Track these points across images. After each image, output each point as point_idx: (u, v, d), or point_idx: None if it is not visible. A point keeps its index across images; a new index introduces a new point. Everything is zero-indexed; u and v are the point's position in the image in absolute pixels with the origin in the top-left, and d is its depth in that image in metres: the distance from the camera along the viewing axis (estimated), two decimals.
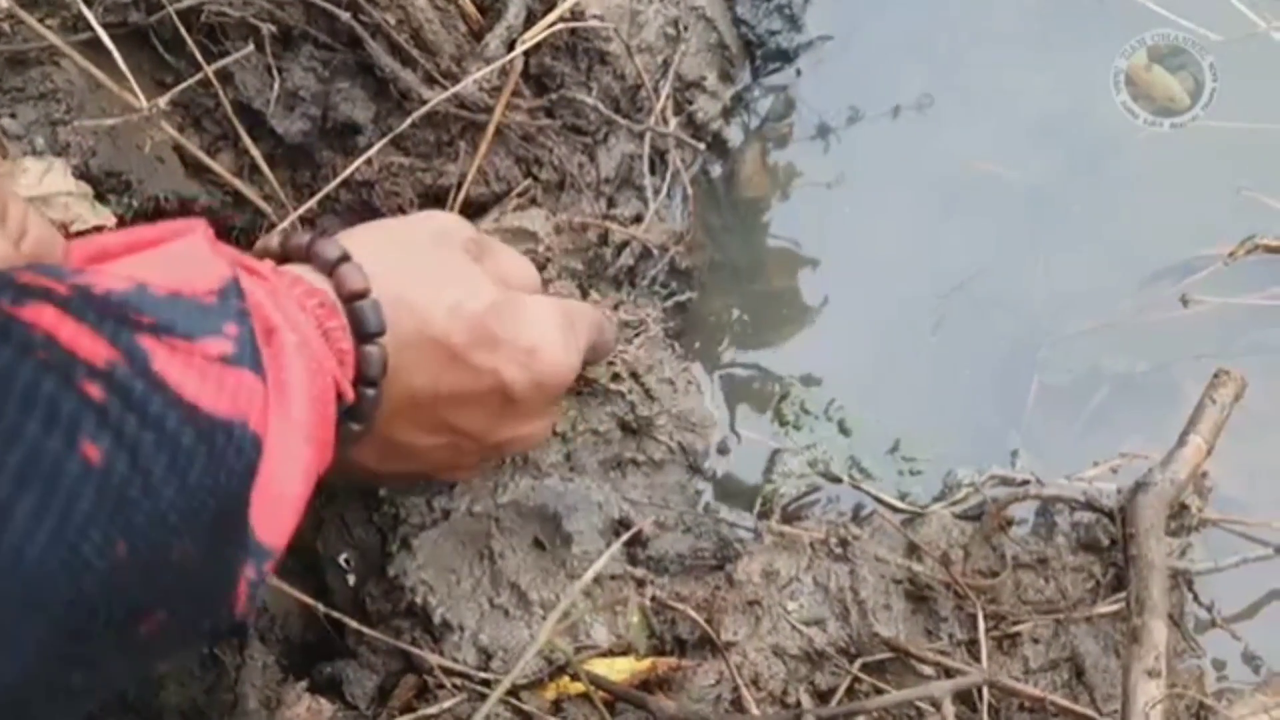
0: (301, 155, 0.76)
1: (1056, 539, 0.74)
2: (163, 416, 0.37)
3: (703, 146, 0.86)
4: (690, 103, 0.86)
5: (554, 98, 0.78)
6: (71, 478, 0.34)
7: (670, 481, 0.77)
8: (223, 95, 0.71)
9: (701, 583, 0.72)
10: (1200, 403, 0.72)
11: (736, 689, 0.67)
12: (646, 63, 0.83)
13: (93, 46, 0.68)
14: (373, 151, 0.71)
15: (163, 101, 0.67)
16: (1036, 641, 0.71)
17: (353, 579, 0.72)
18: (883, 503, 0.77)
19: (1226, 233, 0.84)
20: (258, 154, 0.73)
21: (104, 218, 0.64)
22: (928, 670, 0.68)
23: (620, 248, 0.81)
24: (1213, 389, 0.72)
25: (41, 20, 0.66)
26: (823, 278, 0.87)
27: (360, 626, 0.67)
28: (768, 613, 0.70)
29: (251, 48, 0.71)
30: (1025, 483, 0.75)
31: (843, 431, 0.82)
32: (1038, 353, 0.83)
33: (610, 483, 0.75)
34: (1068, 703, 0.67)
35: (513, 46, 0.75)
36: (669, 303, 0.84)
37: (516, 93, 0.76)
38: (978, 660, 0.68)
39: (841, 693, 0.68)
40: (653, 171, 0.83)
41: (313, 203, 0.71)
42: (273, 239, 0.54)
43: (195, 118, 0.75)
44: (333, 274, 0.51)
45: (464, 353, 0.55)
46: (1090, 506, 0.72)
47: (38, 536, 0.33)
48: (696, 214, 0.86)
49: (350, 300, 0.51)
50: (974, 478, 0.77)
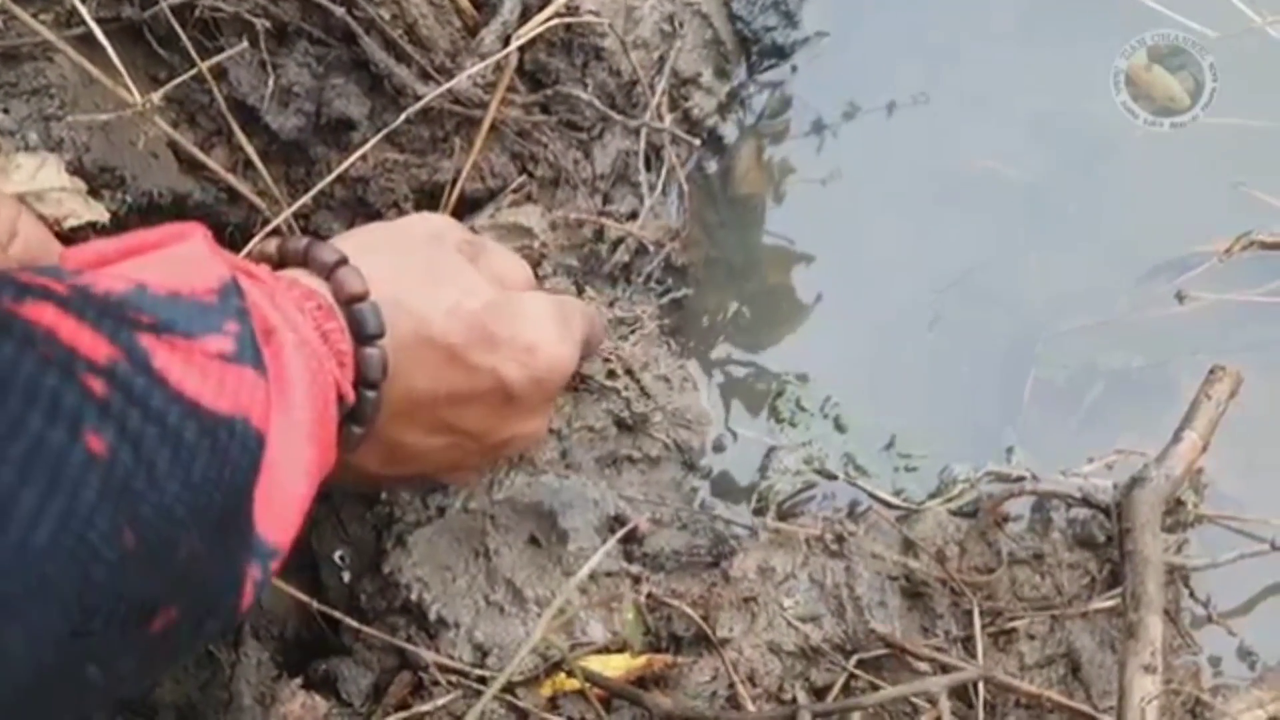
0: (296, 151, 0.76)
1: (1052, 535, 0.74)
2: (165, 412, 0.37)
3: (698, 143, 0.85)
4: (686, 99, 0.86)
5: (549, 93, 0.78)
6: (76, 468, 0.34)
7: (666, 478, 0.77)
8: (217, 91, 0.71)
9: (697, 579, 0.72)
10: (1196, 399, 0.72)
11: (732, 686, 0.67)
12: (642, 59, 0.82)
13: (86, 42, 0.67)
14: (367, 148, 0.71)
15: (156, 97, 0.66)
16: (1032, 638, 0.71)
17: (348, 576, 0.71)
18: (878, 499, 0.77)
19: (1223, 229, 0.84)
20: (251, 150, 0.73)
21: (98, 213, 0.63)
22: (924, 667, 0.68)
23: (616, 244, 0.81)
24: (1208, 385, 0.72)
25: (35, 15, 0.66)
26: (818, 274, 0.86)
27: (355, 623, 0.67)
28: (763, 609, 0.70)
29: (246, 44, 0.71)
30: (1021, 479, 0.75)
31: (839, 428, 0.82)
32: (1034, 349, 0.83)
33: (606, 480, 0.75)
34: (1064, 699, 0.67)
35: (508, 42, 0.74)
36: (664, 299, 0.84)
37: (511, 88, 0.76)
38: (974, 657, 0.68)
39: (837, 689, 0.68)
40: (648, 168, 0.83)
41: (307, 199, 0.71)
42: (269, 244, 0.54)
43: (190, 113, 0.75)
44: (330, 277, 0.52)
45: (463, 352, 0.55)
46: (1086, 502, 0.72)
47: (43, 525, 0.33)
48: (692, 211, 0.85)
49: (349, 303, 0.51)
50: (970, 474, 0.77)
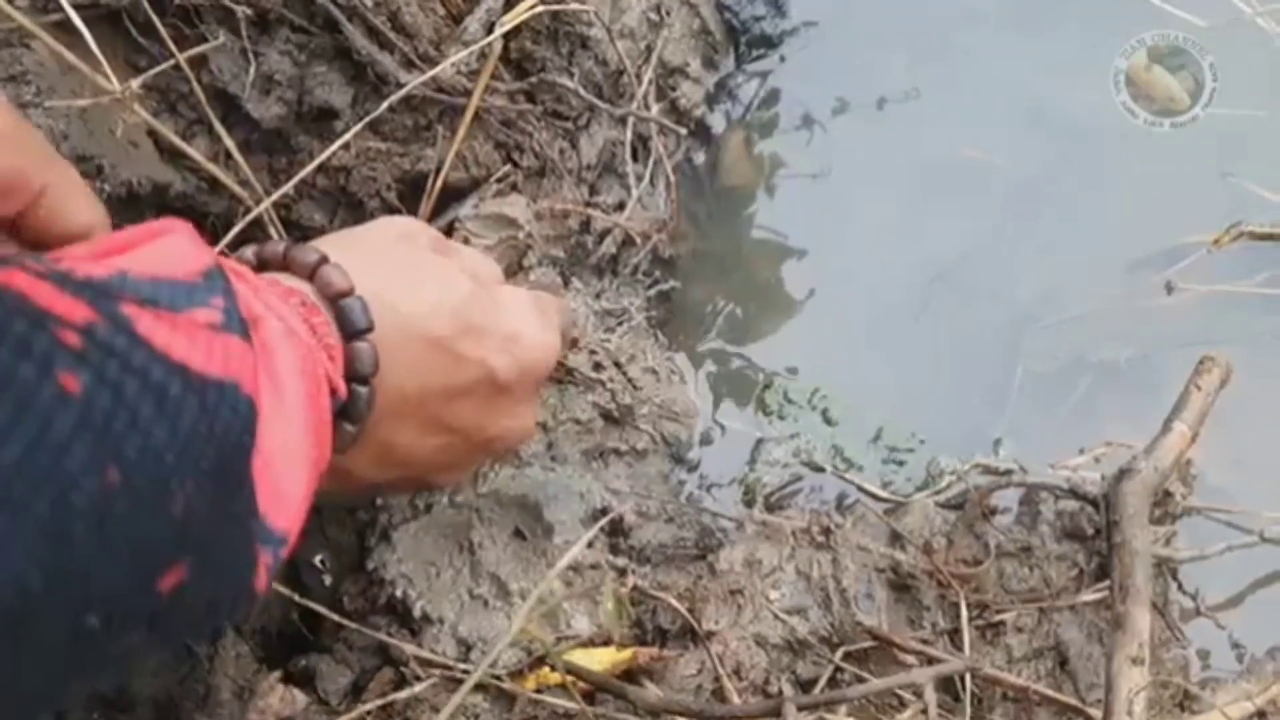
0: (278, 140, 0.75)
1: (1040, 527, 0.74)
2: (147, 368, 0.36)
3: (684, 132, 0.85)
4: (673, 89, 0.86)
5: (534, 81, 0.77)
6: (47, 400, 0.32)
7: (653, 471, 0.77)
8: (194, 81, 0.70)
9: (683, 572, 0.72)
10: (1185, 389, 0.72)
11: (718, 678, 0.67)
12: (629, 48, 0.82)
13: (64, 29, 0.66)
14: (349, 136, 0.71)
15: (135, 84, 0.65)
16: (1020, 630, 0.70)
17: (328, 579, 0.71)
18: (866, 492, 0.77)
19: (1212, 220, 0.84)
20: (230, 142, 0.72)
21: None
22: (910, 659, 0.67)
23: (602, 235, 0.80)
24: (1198, 375, 0.72)
25: (11, 1, 0.65)
26: (807, 266, 0.86)
27: (336, 617, 0.66)
28: (750, 602, 0.69)
29: (226, 32, 0.70)
30: (1009, 471, 0.74)
31: (826, 421, 0.81)
32: (1022, 340, 0.82)
33: (592, 472, 0.74)
34: (1051, 691, 0.67)
35: (492, 29, 0.74)
36: (652, 291, 0.83)
37: (496, 76, 0.75)
38: (961, 649, 0.68)
39: (823, 682, 0.67)
40: (635, 158, 0.83)
41: (288, 187, 0.70)
42: (246, 252, 0.54)
43: (170, 102, 0.74)
44: (314, 277, 0.51)
45: (450, 345, 0.54)
46: (1074, 494, 0.72)
47: (10, 445, 0.31)
48: (680, 202, 0.85)
49: (336, 299, 0.50)
50: (957, 466, 0.77)
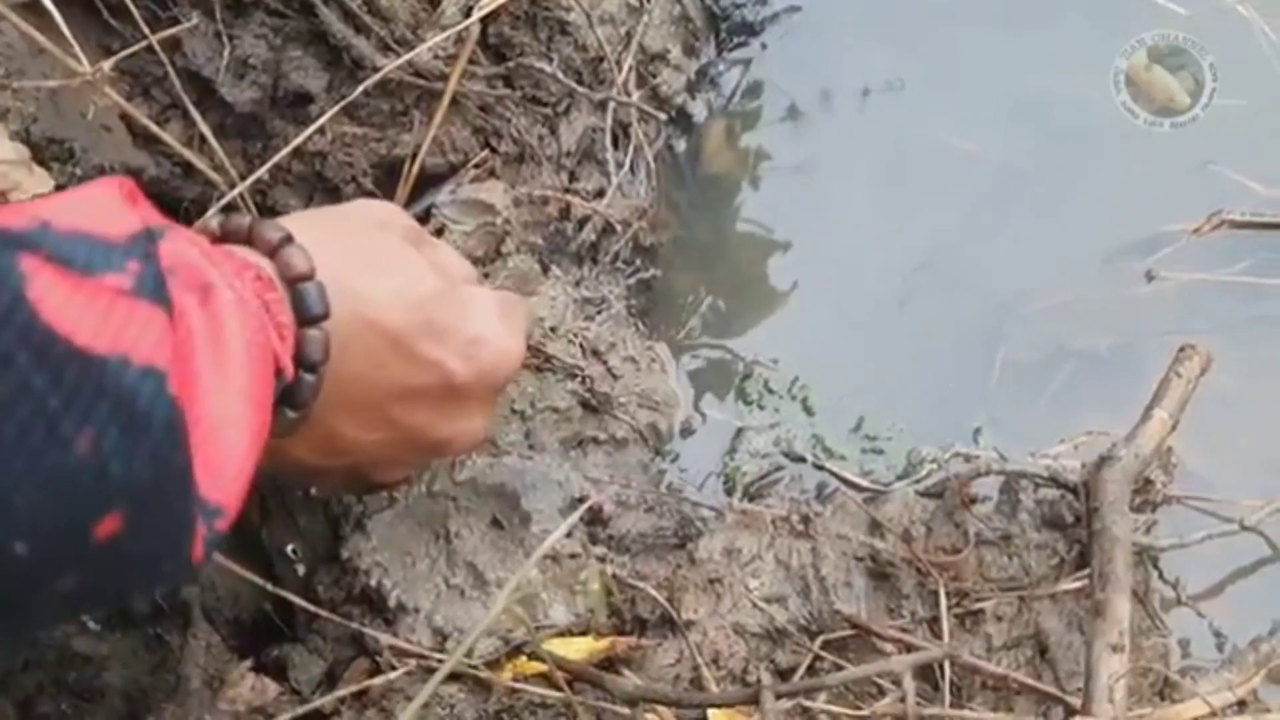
0: (253, 125, 0.74)
1: (1020, 516, 0.73)
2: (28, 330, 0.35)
3: (664, 117, 0.84)
4: (654, 76, 0.85)
5: (512, 66, 0.77)
6: None
7: (632, 460, 0.76)
8: (168, 64, 0.69)
9: (663, 561, 0.71)
10: (1165, 377, 0.72)
11: (696, 668, 0.66)
12: (609, 34, 0.81)
13: (34, 10, 0.66)
14: (324, 119, 0.70)
15: (107, 66, 0.65)
16: (1000, 619, 0.70)
17: (302, 569, 0.70)
18: (845, 481, 0.77)
19: (1193, 208, 0.84)
20: (204, 126, 0.71)
21: (43, 184, 0.62)
22: (889, 648, 0.67)
23: (582, 223, 0.80)
24: (1178, 363, 0.72)
25: None
26: (788, 255, 0.86)
27: (309, 606, 0.65)
28: (729, 591, 0.69)
29: (200, 14, 0.70)
30: (989, 460, 0.74)
31: (807, 410, 0.81)
32: (1003, 329, 0.82)
33: (571, 461, 0.74)
34: (1030, 680, 0.66)
35: (469, 13, 0.73)
36: (632, 280, 0.83)
37: (474, 61, 0.75)
38: (940, 638, 0.68)
39: (803, 670, 0.67)
40: (615, 146, 0.82)
41: (262, 172, 0.70)
42: (211, 221, 0.53)
43: (144, 86, 0.74)
44: (275, 255, 0.50)
45: (409, 342, 0.53)
46: (1054, 482, 0.71)
47: None
48: (660, 190, 0.84)
49: (294, 282, 0.49)
50: (938, 455, 0.76)
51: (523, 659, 0.66)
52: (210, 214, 0.68)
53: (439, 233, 0.75)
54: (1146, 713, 0.63)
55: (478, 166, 0.76)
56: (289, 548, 0.70)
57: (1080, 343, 0.82)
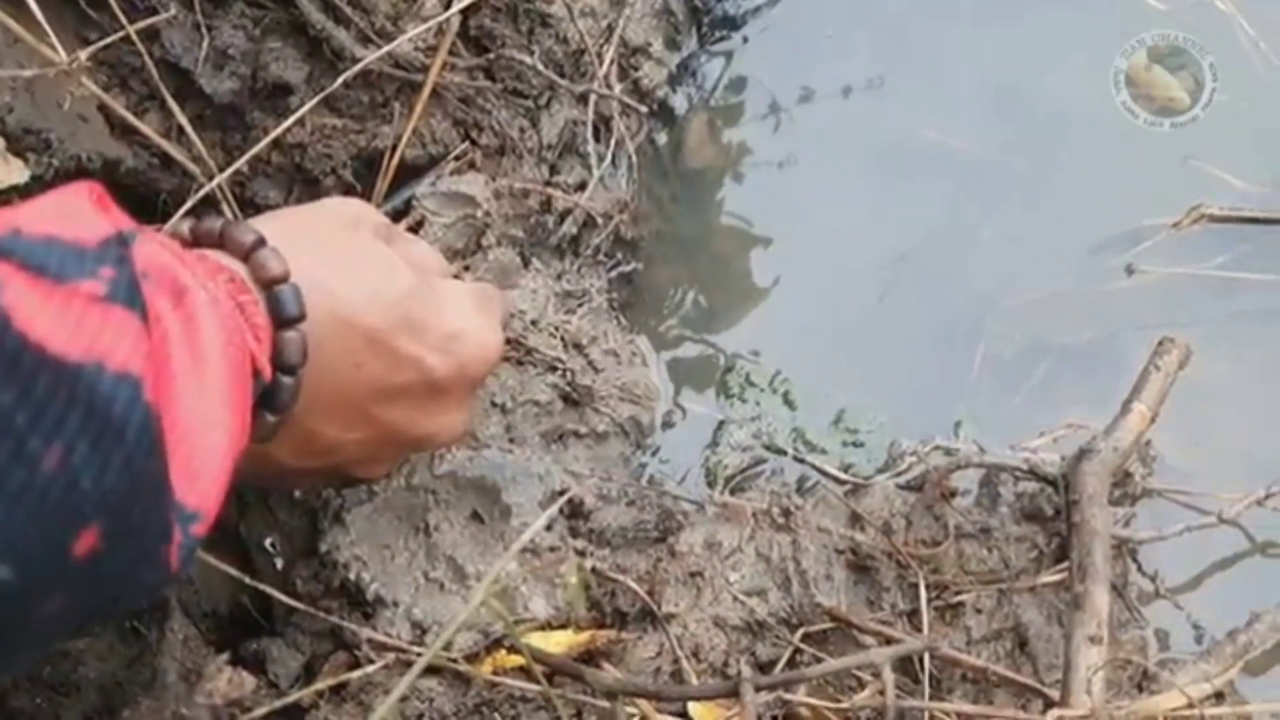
0: (231, 116, 0.74)
1: (1000, 509, 0.74)
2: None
3: (645, 110, 0.84)
4: (635, 69, 0.85)
5: (493, 58, 0.76)
6: None
7: (613, 454, 0.76)
8: (145, 54, 0.69)
9: (643, 554, 0.71)
10: (1144, 370, 0.72)
11: (677, 660, 0.66)
12: (590, 27, 0.81)
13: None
14: (304, 111, 0.70)
15: (83, 55, 0.64)
16: (979, 611, 0.70)
17: (280, 562, 0.70)
18: (826, 474, 0.77)
19: (1172, 203, 0.84)
20: (182, 117, 0.71)
21: (18, 174, 0.61)
22: (869, 640, 0.67)
23: (563, 216, 0.79)
24: (1157, 356, 0.72)
25: None
26: (769, 248, 0.86)
27: (287, 599, 0.65)
28: (709, 584, 0.69)
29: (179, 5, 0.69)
30: (969, 453, 0.74)
31: (788, 403, 0.81)
32: (983, 323, 0.82)
33: (551, 455, 0.73)
34: (1010, 672, 0.67)
35: (450, 5, 0.73)
36: (613, 273, 0.83)
37: (454, 53, 0.75)
38: (920, 630, 0.68)
39: (783, 663, 0.67)
40: (597, 139, 0.82)
41: (241, 163, 0.69)
42: (182, 225, 0.52)
43: (121, 77, 0.73)
44: (249, 259, 0.49)
45: (387, 339, 0.53)
46: (1034, 475, 0.72)
47: None
48: (642, 183, 0.84)
49: (270, 285, 0.49)
50: (918, 448, 0.76)
51: (502, 652, 0.66)
52: (186, 208, 0.68)
53: (419, 225, 0.74)
54: (1125, 704, 0.63)
55: (458, 159, 0.76)
56: (267, 541, 0.69)
57: (1060, 336, 0.82)
